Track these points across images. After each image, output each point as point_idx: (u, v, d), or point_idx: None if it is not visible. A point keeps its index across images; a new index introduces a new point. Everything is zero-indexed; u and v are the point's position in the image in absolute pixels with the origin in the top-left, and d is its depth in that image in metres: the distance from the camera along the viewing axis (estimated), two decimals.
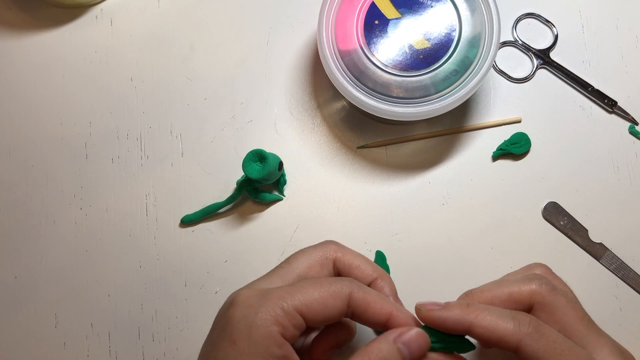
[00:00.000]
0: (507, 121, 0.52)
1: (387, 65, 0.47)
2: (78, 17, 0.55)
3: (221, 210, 0.51)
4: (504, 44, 0.53)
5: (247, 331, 0.34)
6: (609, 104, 0.52)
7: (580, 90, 0.52)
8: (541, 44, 0.53)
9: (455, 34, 0.47)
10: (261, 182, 0.48)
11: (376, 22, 0.48)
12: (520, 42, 0.53)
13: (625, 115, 0.52)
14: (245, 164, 0.47)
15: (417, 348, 0.36)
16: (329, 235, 0.50)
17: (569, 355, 0.34)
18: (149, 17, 0.55)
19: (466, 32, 0.47)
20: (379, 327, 0.38)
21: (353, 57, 0.47)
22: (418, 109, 0.46)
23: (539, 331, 0.35)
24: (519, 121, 0.52)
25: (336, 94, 0.52)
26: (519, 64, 0.53)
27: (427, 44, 0.47)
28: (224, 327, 0.35)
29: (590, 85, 0.52)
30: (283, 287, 0.36)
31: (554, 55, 0.53)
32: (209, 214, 0.51)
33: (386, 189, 0.51)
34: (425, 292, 0.50)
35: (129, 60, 0.54)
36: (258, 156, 0.47)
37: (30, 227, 0.51)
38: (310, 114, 0.53)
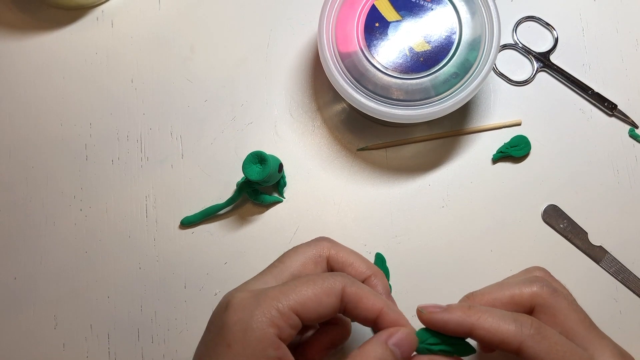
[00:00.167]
0: (507, 124, 0.52)
1: (387, 68, 0.47)
2: (79, 18, 0.55)
3: (221, 212, 0.51)
4: (504, 46, 0.54)
5: (242, 334, 0.34)
6: (609, 107, 0.52)
7: (580, 93, 0.52)
8: (541, 47, 0.53)
9: (456, 37, 0.47)
10: (261, 184, 0.48)
11: (376, 24, 0.48)
12: (520, 45, 0.54)
13: (625, 118, 0.52)
14: (245, 165, 0.47)
15: (408, 348, 0.36)
16: (329, 237, 0.50)
17: (570, 357, 0.34)
18: (149, 19, 0.55)
19: (466, 35, 0.47)
20: (369, 324, 0.38)
21: (353, 59, 0.47)
22: (418, 111, 0.46)
23: (540, 333, 0.35)
24: (519, 124, 0.52)
25: (336, 96, 0.52)
26: (519, 66, 0.53)
27: (427, 47, 0.47)
28: (219, 330, 0.35)
29: (590, 89, 0.52)
30: (277, 287, 0.36)
31: (554, 58, 0.53)
32: (209, 215, 0.51)
33: (386, 191, 0.51)
34: (425, 294, 0.49)
35: (129, 61, 0.54)
36: (258, 158, 0.47)
37: (30, 228, 0.51)
38: (311, 116, 0.53)
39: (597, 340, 0.37)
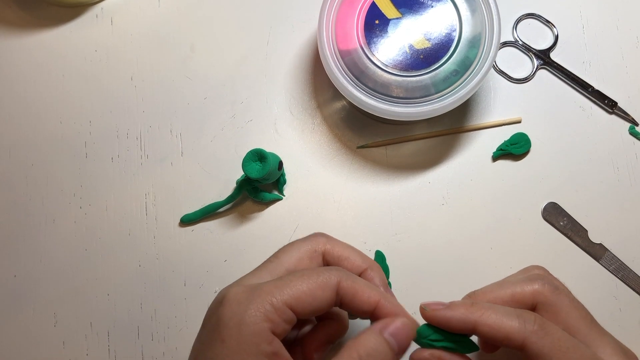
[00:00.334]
0: (507, 121, 0.52)
1: (387, 65, 0.47)
2: (78, 16, 0.55)
3: (221, 210, 0.51)
4: (505, 44, 0.53)
5: (237, 329, 0.34)
6: (609, 104, 0.52)
7: (581, 90, 0.52)
8: (541, 45, 0.53)
9: (456, 34, 0.47)
10: (261, 182, 0.48)
11: (376, 21, 0.48)
12: (520, 42, 0.53)
13: (625, 115, 0.52)
14: (245, 163, 0.47)
15: (404, 338, 0.36)
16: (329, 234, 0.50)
17: (573, 352, 0.34)
18: (149, 16, 0.55)
19: (466, 32, 0.47)
20: (367, 316, 0.38)
21: (353, 56, 0.47)
22: (418, 109, 0.46)
23: (544, 329, 0.35)
24: (519, 121, 0.52)
25: (336, 93, 0.52)
26: (519, 64, 0.53)
27: (427, 44, 0.47)
28: (215, 325, 0.35)
29: (591, 86, 0.52)
30: (271, 282, 0.36)
31: (554, 56, 0.53)
32: (209, 213, 0.51)
33: (386, 189, 0.51)
34: (425, 291, 0.49)
35: (129, 59, 0.54)
36: (258, 156, 0.46)
37: (29, 226, 0.51)
38: (310, 113, 0.53)
39: (599, 337, 0.37)
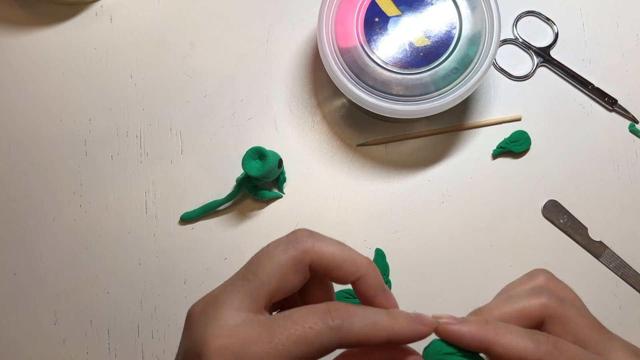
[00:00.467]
0: (507, 119, 0.52)
1: (387, 63, 0.47)
2: (78, 14, 0.55)
3: (221, 208, 0.51)
4: (504, 41, 0.53)
5: None
6: (609, 102, 0.52)
7: (581, 88, 0.52)
8: (541, 42, 0.53)
9: (456, 32, 0.47)
10: (261, 180, 0.48)
11: (376, 19, 0.48)
12: (520, 40, 0.53)
13: (625, 113, 0.52)
14: (245, 161, 0.47)
15: None
16: (328, 232, 0.50)
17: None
18: (148, 14, 0.55)
19: (466, 30, 0.47)
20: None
21: (353, 54, 0.47)
22: (418, 106, 0.46)
23: (558, 348, 0.34)
24: (519, 119, 0.52)
25: (336, 91, 0.52)
26: (519, 62, 0.53)
27: (427, 42, 0.47)
28: None
29: (591, 84, 0.52)
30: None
31: (554, 53, 0.53)
32: (209, 211, 0.51)
33: (386, 186, 0.51)
34: (425, 290, 0.49)
35: (128, 57, 0.54)
36: (258, 154, 0.46)
37: (29, 224, 0.51)
38: (310, 111, 0.53)
39: (610, 343, 0.37)
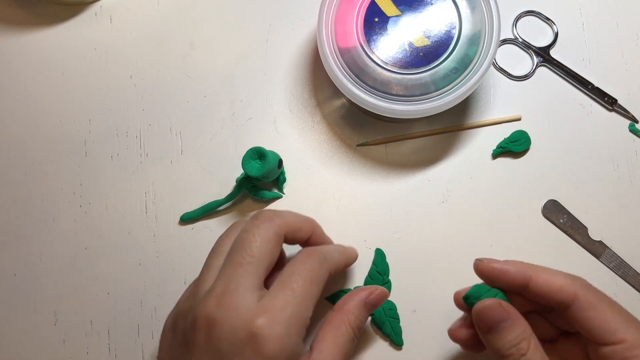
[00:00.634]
0: (507, 119, 0.52)
1: (387, 63, 0.47)
2: (77, 14, 0.55)
3: (221, 208, 0.51)
4: (504, 41, 0.53)
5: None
6: (609, 101, 0.52)
7: (581, 88, 0.52)
8: (541, 42, 0.53)
9: (455, 32, 0.47)
10: (261, 180, 0.48)
11: (376, 19, 0.48)
12: (520, 39, 0.53)
13: (625, 113, 0.52)
14: (245, 161, 0.47)
15: (378, 303, 0.43)
16: (328, 232, 0.50)
17: (610, 301, 0.38)
18: (148, 15, 0.54)
19: (466, 30, 0.47)
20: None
21: (353, 54, 0.47)
22: (418, 106, 0.46)
23: (587, 284, 0.38)
24: (518, 119, 0.52)
25: (336, 91, 0.52)
26: (519, 61, 0.53)
27: (427, 42, 0.47)
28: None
29: (591, 83, 0.52)
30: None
31: (554, 53, 0.53)
32: (209, 211, 0.51)
33: (386, 186, 0.51)
34: (425, 289, 0.49)
35: (128, 57, 0.54)
36: (257, 154, 0.46)
37: (29, 225, 0.51)
38: (310, 111, 0.53)
39: (627, 322, 0.38)
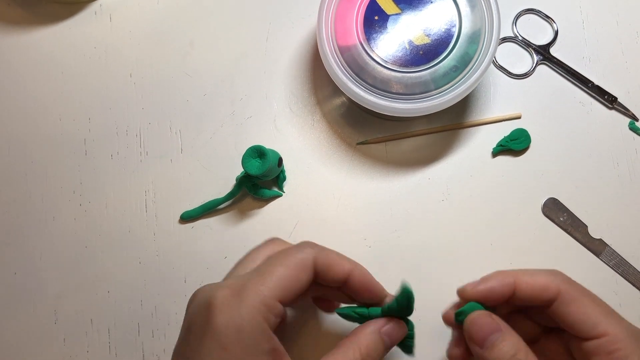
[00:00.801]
0: (507, 117, 0.52)
1: (386, 61, 0.47)
2: (77, 13, 0.55)
3: (221, 207, 0.51)
4: (504, 39, 0.53)
5: (237, 335, 0.34)
6: (609, 99, 0.52)
7: (580, 86, 0.52)
8: (541, 40, 0.53)
9: (455, 30, 0.47)
10: (261, 179, 0.48)
11: (376, 17, 0.48)
12: (520, 38, 0.53)
13: (625, 111, 0.52)
14: (245, 160, 0.47)
15: (396, 337, 0.39)
16: (328, 231, 0.50)
17: (591, 295, 0.38)
18: (148, 13, 0.54)
19: (466, 28, 0.47)
20: (339, 284, 0.39)
21: (353, 53, 0.47)
22: (418, 105, 0.46)
23: (567, 278, 0.38)
24: (518, 117, 0.52)
25: (336, 90, 0.52)
26: (519, 59, 0.53)
27: (427, 40, 0.47)
28: (208, 333, 0.35)
29: (590, 81, 0.52)
30: (254, 278, 0.36)
31: (554, 51, 0.53)
32: (209, 210, 0.51)
33: (386, 185, 0.51)
34: (425, 288, 0.49)
35: (128, 56, 0.54)
36: (257, 152, 0.46)
37: (29, 223, 0.51)
38: (310, 110, 0.53)
39: (607, 316, 0.38)
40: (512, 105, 0.52)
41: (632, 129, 0.52)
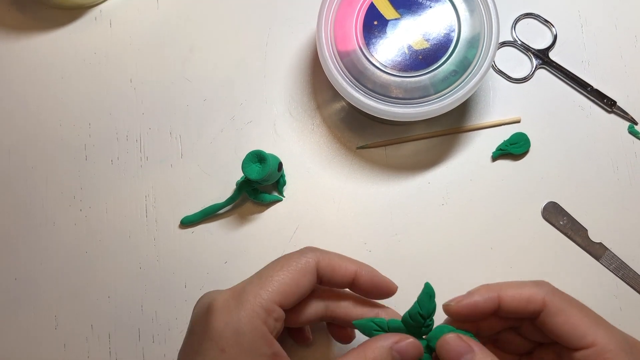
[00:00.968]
0: (506, 121, 0.52)
1: (386, 66, 0.47)
2: (77, 18, 0.55)
3: (221, 211, 0.51)
4: (503, 44, 0.53)
5: (235, 338, 0.35)
6: (608, 103, 0.52)
7: (580, 90, 0.52)
8: (540, 44, 0.53)
9: (455, 35, 0.47)
10: (261, 183, 0.48)
11: (375, 22, 0.48)
12: (519, 42, 0.53)
13: (624, 114, 0.52)
14: (245, 164, 0.47)
15: (410, 356, 0.36)
16: (328, 235, 0.50)
17: (578, 305, 0.37)
18: (148, 19, 0.55)
19: (465, 33, 0.47)
20: (346, 287, 0.39)
21: (352, 57, 0.47)
22: (417, 109, 0.46)
23: (553, 289, 0.37)
24: (518, 121, 0.52)
25: (335, 94, 0.52)
26: (518, 64, 0.53)
27: (426, 45, 0.47)
28: (208, 335, 0.35)
29: (590, 85, 0.52)
30: (254, 282, 0.37)
31: (553, 55, 0.53)
32: (209, 215, 0.51)
33: (386, 189, 0.51)
34: None
35: (128, 61, 0.54)
36: (257, 157, 0.47)
37: (30, 229, 0.51)
38: (310, 114, 0.53)
39: (596, 325, 0.37)
40: (512, 110, 0.52)
41: (632, 132, 0.52)
